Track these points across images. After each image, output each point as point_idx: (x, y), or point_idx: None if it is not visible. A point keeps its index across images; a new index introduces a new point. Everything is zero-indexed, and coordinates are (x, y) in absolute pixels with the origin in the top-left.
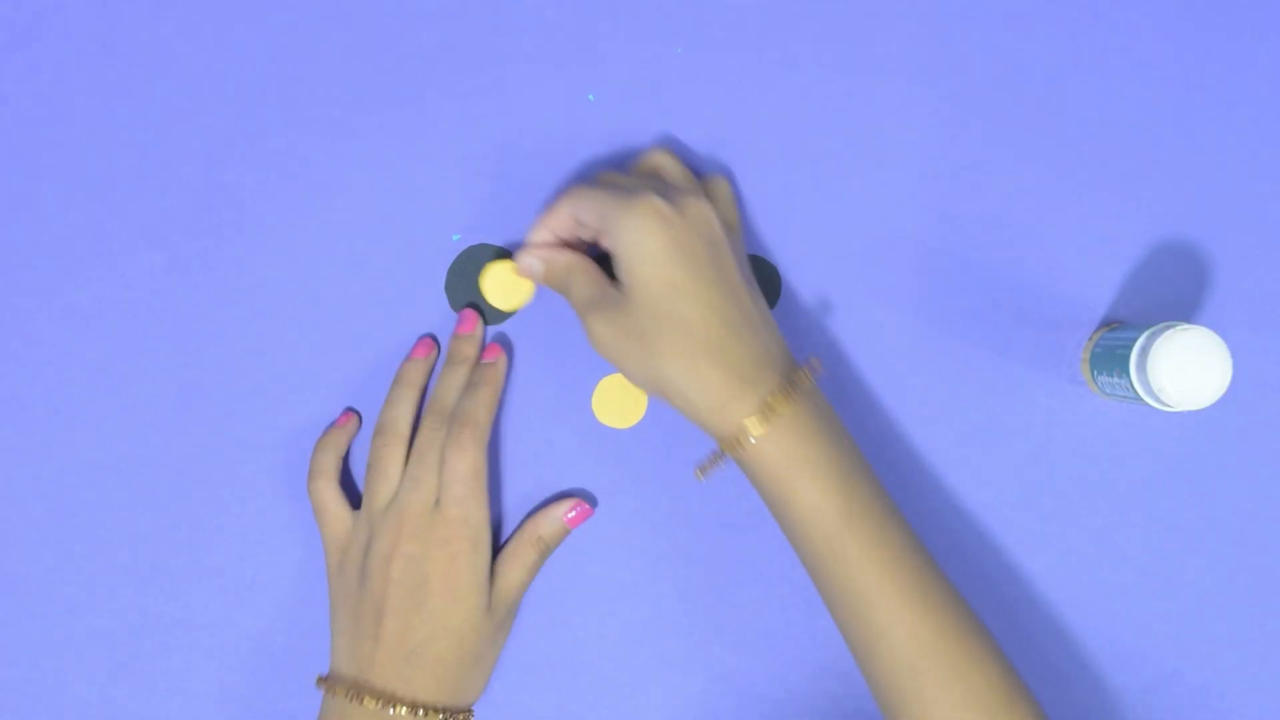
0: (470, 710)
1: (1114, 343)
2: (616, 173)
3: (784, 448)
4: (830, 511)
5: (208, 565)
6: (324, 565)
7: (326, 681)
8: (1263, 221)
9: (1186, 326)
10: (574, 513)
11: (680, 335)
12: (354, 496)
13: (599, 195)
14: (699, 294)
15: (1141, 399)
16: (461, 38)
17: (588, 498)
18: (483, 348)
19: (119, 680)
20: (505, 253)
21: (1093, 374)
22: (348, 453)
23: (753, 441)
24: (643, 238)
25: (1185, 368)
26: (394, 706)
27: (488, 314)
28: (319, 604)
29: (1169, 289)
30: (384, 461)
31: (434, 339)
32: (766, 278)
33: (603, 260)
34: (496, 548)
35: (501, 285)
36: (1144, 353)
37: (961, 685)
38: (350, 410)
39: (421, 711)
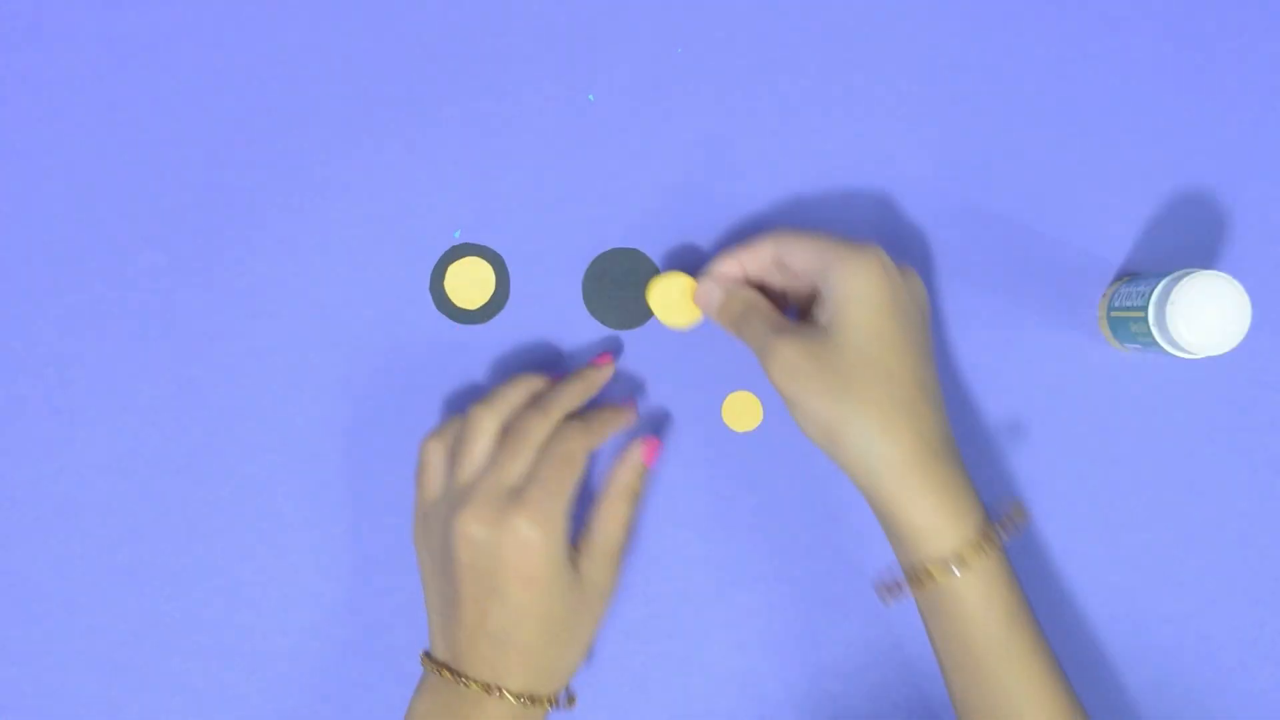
0: (572, 696)
1: (1131, 293)
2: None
3: (959, 537)
4: (998, 614)
5: (207, 565)
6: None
7: (426, 657)
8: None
9: (1203, 272)
10: (648, 450)
11: (881, 384)
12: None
13: (818, 239)
14: (908, 351)
15: (1161, 347)
16: (462, 38)
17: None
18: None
19: (119, 680)
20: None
21: (1110, 325)
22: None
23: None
24: (864, 282)
25: (1204, 314)
26: (472, 684)
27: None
28: (319, 603)
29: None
30: (475, 431)
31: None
32: None
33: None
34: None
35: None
36: (1162, 300)
37: None
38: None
39: (510, 696)
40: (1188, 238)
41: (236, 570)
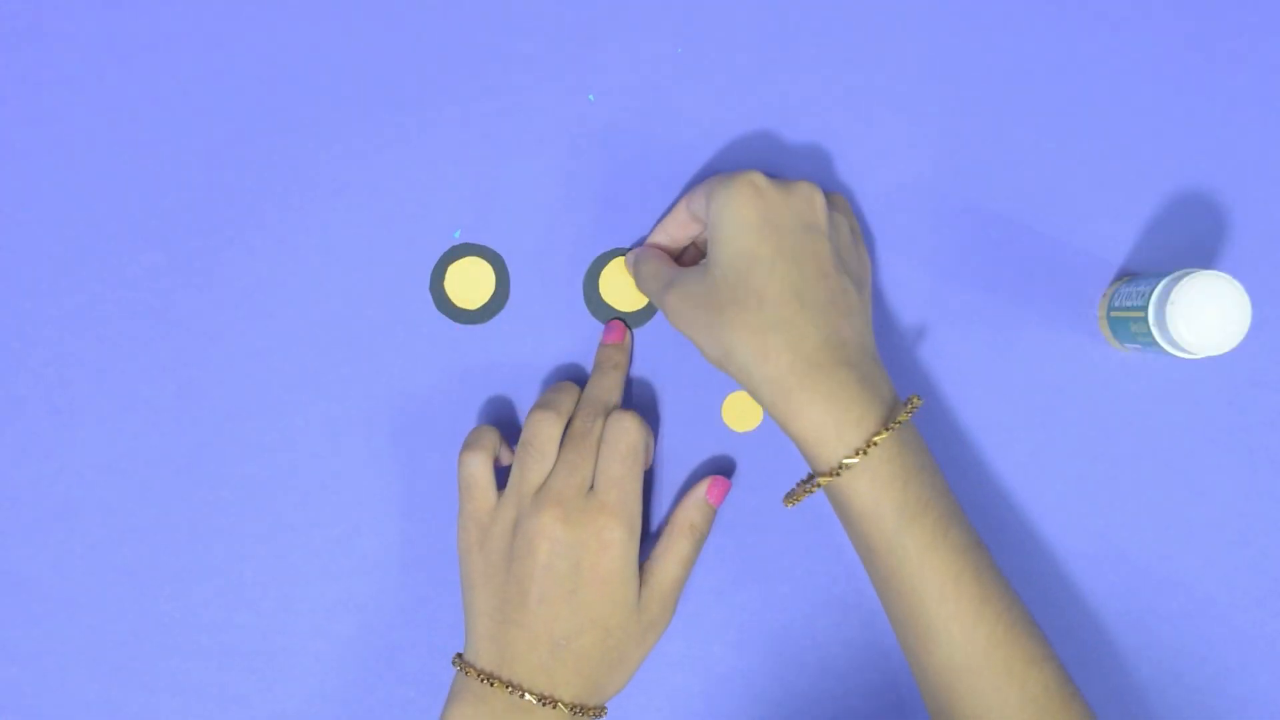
0: (603, 707)
1: (1131, 293)
2: None
3: (845, 444)
4: (888, 510)
5: (207, 565)
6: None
7: (463, 662)
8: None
9: (1203, 272)
10: (715, 489)
11: (752, 308)
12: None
13: (708, 180)
14: (779, 267)
15: (1161, 348)
16: (462, 38)
17: (723, 471)
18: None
19: (119, 680)
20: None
21: (1110, 325)
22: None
23: (810, 433)
24: (732, 208)
25: (1204, 314)
26: (527, 694)
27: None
28: (320, 604)
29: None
30: (542, 439)
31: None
32: None
33: None
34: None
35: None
36: (1162, 301)
37: (1017, 687)
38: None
39: (557, 705)
40: (1188, 238)
41: (236, 570)
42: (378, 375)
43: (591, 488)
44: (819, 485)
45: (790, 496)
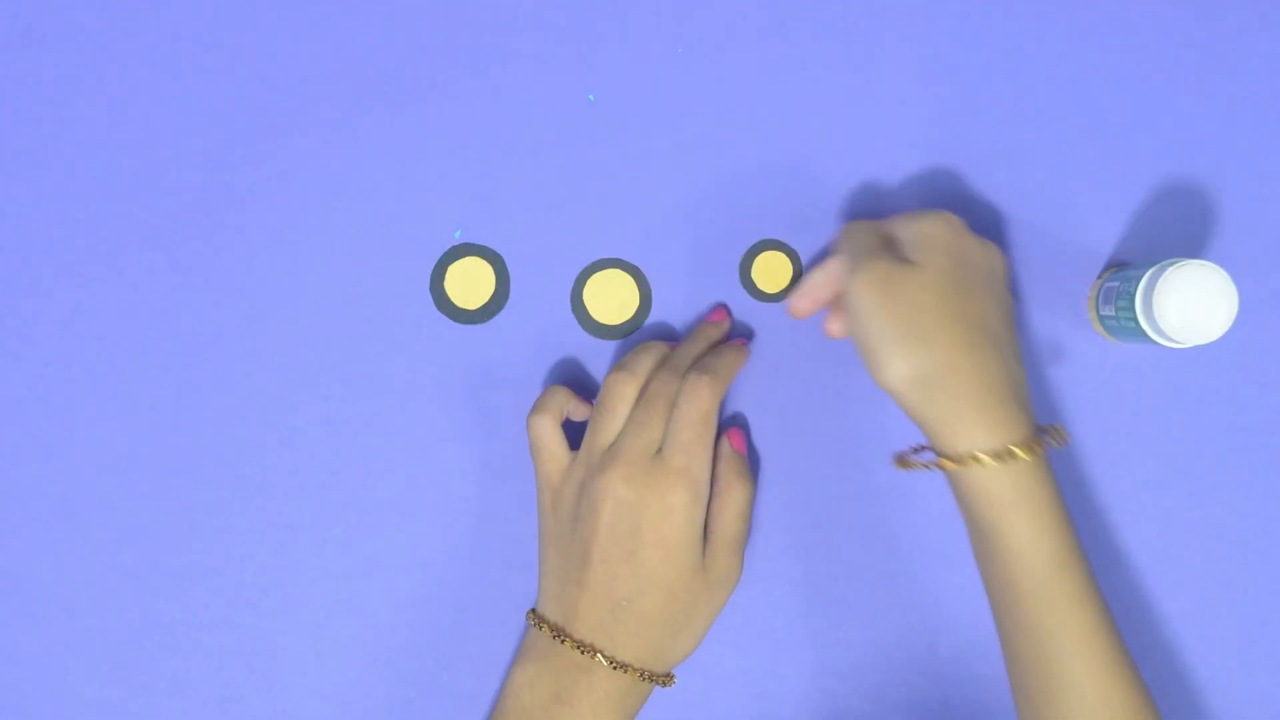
0: (671, 674)
1: (1119, 283)
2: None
3: (1011, 478)
4: (1044, 556)
5: (207, 565)
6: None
7: (534, 616)
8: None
9: (1190, 262)
10: (733, 438)
11: (955, 323)
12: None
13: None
14: (976, 299)
15: (1149, 337)
16: (462, 38)
17: (739, 423)
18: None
19: (119, 680)
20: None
21: (1099, 315)
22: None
23: (981, 465)
24: (936, 231)
25: (1191, 303)
26: (594, 655)
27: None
28: (320, 604)
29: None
30: (614, 398)
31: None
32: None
33: None
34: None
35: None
36: (1149, 290)
37: None
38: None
39: (621, 668)
40: (1175, 228)
41: (236, 571)
42: (378, 375)
43: (660, 451)
44: (943, 468)
45: (901, 460)
